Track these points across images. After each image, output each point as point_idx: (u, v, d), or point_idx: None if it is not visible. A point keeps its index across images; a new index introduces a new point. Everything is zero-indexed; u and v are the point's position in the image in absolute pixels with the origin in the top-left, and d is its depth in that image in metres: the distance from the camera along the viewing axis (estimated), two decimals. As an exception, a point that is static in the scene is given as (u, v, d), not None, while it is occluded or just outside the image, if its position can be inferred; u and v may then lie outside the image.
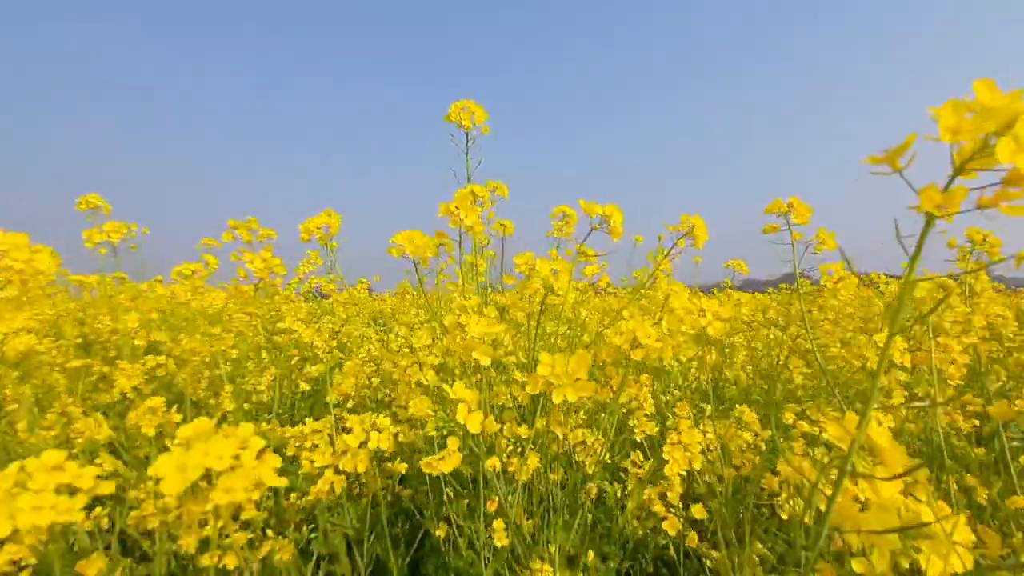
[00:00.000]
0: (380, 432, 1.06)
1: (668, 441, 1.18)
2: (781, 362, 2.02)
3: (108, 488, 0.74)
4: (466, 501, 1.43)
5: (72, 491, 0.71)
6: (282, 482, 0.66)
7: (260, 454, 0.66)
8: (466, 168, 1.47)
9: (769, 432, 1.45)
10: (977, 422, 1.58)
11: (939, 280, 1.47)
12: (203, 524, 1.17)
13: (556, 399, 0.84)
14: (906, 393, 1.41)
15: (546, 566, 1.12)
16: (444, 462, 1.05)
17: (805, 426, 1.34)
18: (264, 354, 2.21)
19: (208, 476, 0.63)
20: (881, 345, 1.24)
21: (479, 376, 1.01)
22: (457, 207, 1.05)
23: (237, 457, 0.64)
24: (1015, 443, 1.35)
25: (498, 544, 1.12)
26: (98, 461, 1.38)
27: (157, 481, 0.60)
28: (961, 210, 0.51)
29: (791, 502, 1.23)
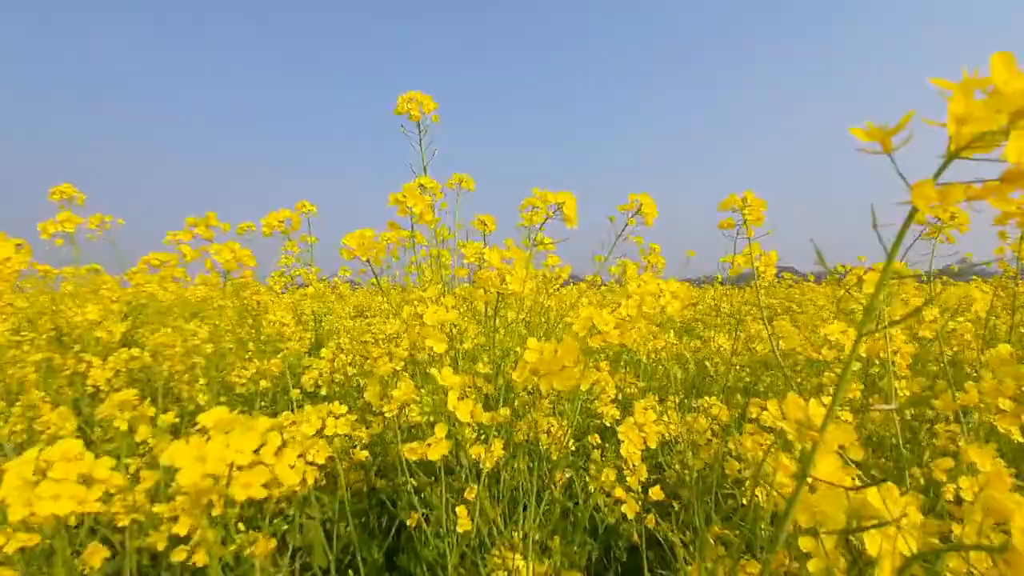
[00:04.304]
0: (337, 419, 1.06)
1: (624, 423, 1.20)
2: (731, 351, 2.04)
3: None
4: (438, 488, 1.44)
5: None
6: (296, 478, 0.66)
7: (279, 451, 0.65)
8: (421, 160, 1.48)
9: (726, 415, 1.48)
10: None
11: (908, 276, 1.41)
12: (173, 520, 1.15)
13: (543, 387, 0.80)
14: (862, 386, 1.43)
15: (518, 556, 1.11)
16: (432, 449, 0.98)
17: (766, 418, 1.36)
18: (251, 346, 2.20)
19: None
20: (831, 339, 1.26)
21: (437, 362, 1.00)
22: (404, 196, 1.05)
23: (257, 452, 0.63)
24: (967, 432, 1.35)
25: (460, 530, 1.12)
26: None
27: (172, 470, 0.59)
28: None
29: (746, 485, 1.26)
